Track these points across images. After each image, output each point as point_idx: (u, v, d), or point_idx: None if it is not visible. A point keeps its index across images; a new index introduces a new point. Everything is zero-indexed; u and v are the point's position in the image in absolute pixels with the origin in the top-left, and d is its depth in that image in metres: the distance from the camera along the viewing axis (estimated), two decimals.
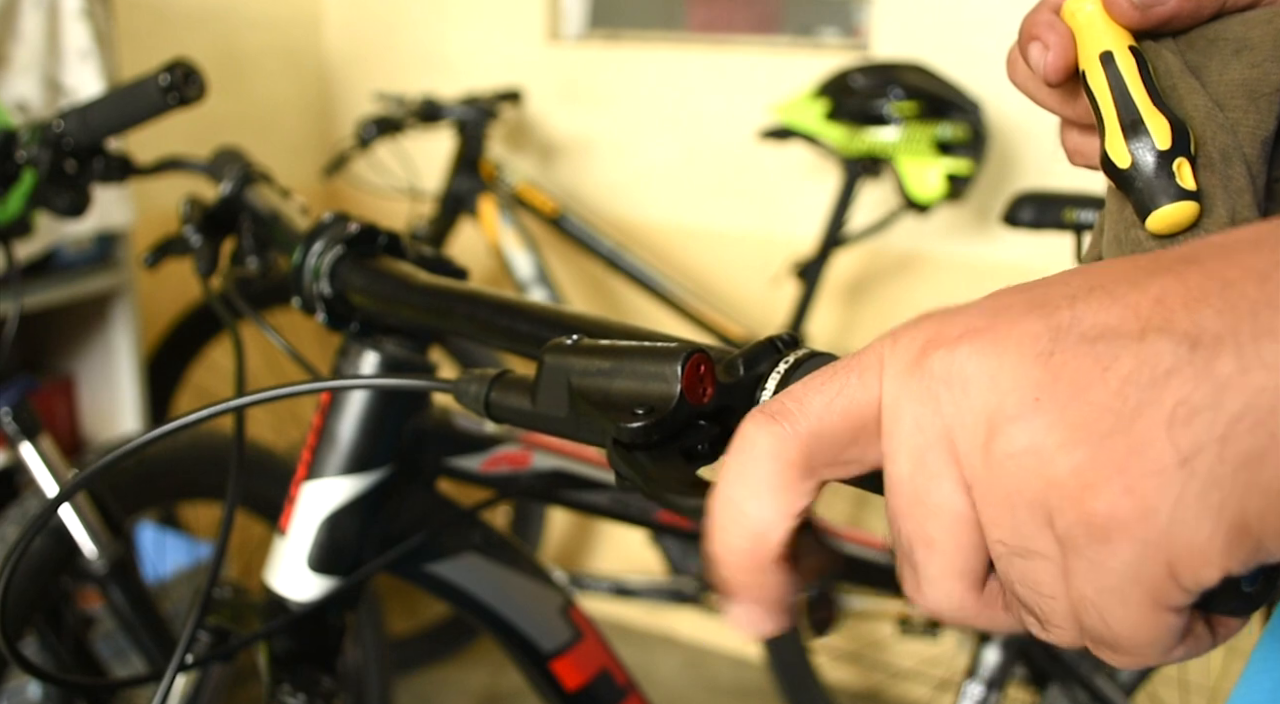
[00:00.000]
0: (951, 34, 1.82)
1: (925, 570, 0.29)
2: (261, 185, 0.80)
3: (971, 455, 0.26)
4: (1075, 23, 0.38)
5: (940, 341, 0.27)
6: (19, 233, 0.92)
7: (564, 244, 2.04)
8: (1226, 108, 0.36)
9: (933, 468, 0.27)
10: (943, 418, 0.27)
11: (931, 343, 0.27)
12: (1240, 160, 0.35)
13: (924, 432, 0.27)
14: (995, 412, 0.26)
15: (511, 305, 0.48)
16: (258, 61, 2.22)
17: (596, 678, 0.73)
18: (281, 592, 0.66)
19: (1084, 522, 0.25)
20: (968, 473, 0.27)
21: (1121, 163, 0.36)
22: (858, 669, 2.09)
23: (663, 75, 2.07)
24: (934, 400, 0.27)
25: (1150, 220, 0.35)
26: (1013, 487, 0.26)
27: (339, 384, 0.46)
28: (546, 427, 0.40)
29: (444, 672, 2.11)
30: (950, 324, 0.28)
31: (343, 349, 0.65)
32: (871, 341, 0.30)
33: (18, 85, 1.45)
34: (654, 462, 0.34)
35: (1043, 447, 0.25)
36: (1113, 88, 0.36)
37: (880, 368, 0.29)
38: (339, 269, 0.61)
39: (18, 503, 1.17)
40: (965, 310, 0.28)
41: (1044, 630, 0.28)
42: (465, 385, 0.42)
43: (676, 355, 0.36)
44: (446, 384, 0.43)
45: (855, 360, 0.30)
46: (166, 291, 1.93)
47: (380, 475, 0.65)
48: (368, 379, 0.58)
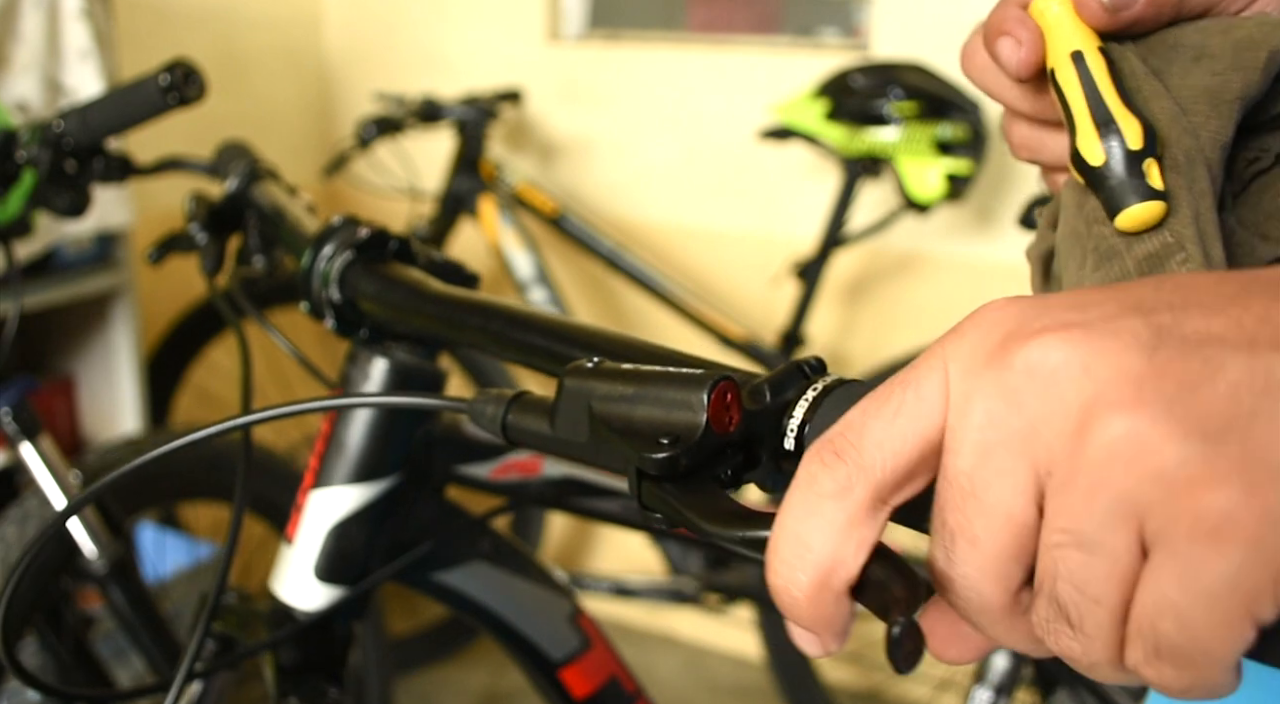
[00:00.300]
0: (951, 34, 1.82)
1: (961, 567, 0.28)
2: (268, 182, 0.79)
3: (1058, 441, 0.25)
4: (1044, 21, 0.39)
5: (1023, 335, 0.26)
6: (19, 233, 0.91)
7: (564, 244, 2.03)
8: (1189, 113, 0.36)
9: (999, 464, 0.26)
10: (1024, 413, 0.26)
11: (1013, 337, 0.26)
12: (1203, 163, 0.36)
13: (997, 427, 0.26)
14: (1092, 399, 0.25)
15: (527, 318, 0.48)
16: (258, 61, 2.22)
17: (605, 686, 0.72)
18: (288, 601, 0.66)
19: (1192, 517, 0.23)
20: (1048, 460, 0.26)
21: (1094, 161, 0.36)
22: (858, 669, 2.09)
23: (663, 75, 2.07)
24: (1014, 395, 0.26)
25: (1119, 218, 0.36)
26: (1103, 475, 0.25)
27: (350, 402, 0.46)
28: (565, 451, 0.39)
29: (444, 672, 2.10)
30: (1033, 318, 0.27)
31: (351, 355, 0.64)
32: (926, 349, 0.29)
33: (18, 85, 1.45)
34: (682, 492, 0.34)
35: (1148, 437, 0.24)
36: (1084, 87, 0.37)
37: (944, 371, 0.28)
38: (349, 275, 0.60)
39: (18, 503, 1.17)
40: (1047, 305, 0.27)
41: (1070, 639, 0.26)
42: (482, 406, 0.41)
43: (703, 383, 0.35)
44: (462, 404, 0.42)
45: (910, 374, 0.28)
46: (167, 291, 1.93)
47: (389, 484, 0.65)
48: (380, 397, 0.58)
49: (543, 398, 0.41)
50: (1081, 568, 0.25)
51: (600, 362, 0.38)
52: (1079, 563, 0.25)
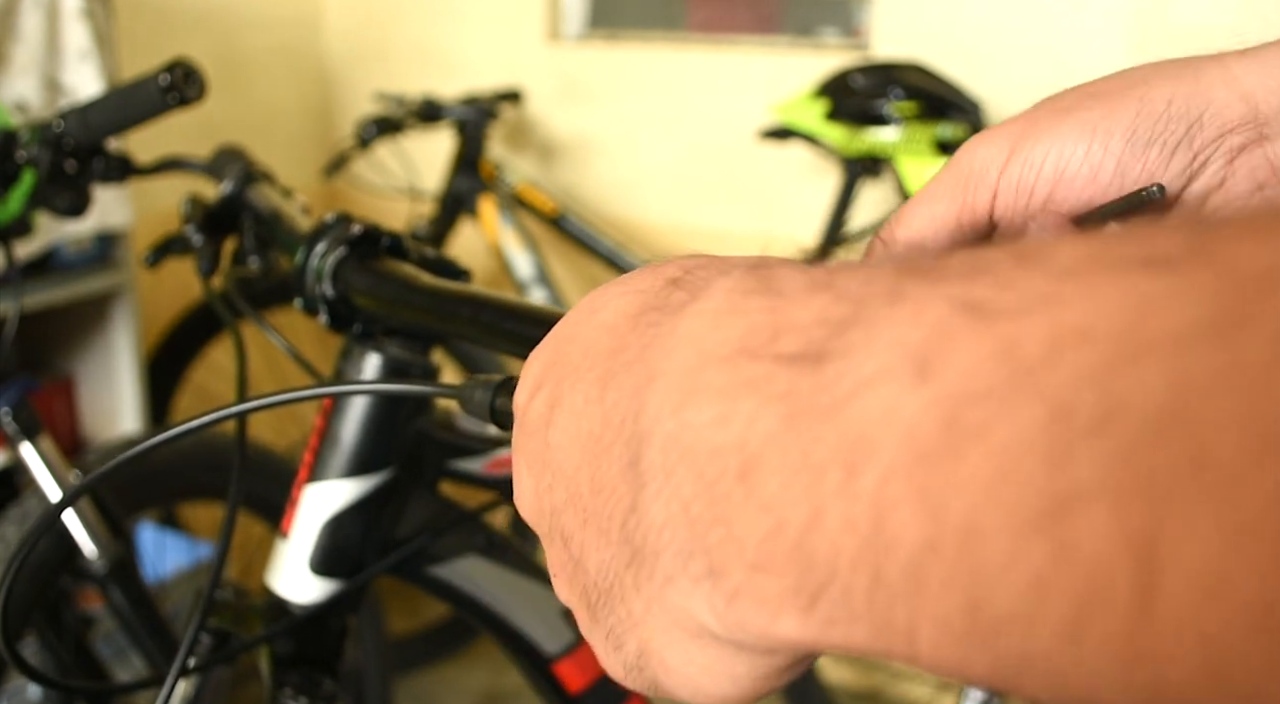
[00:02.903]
0: (951, 34, 1.82)
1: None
2: (263, 184, 0.80)
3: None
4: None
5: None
6: (19, 233, 0.92)
7: (564, 244, 2.03)
8: None
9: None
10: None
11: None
12: None
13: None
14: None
15: (516, 308, 0.48)
16: (258, 62, 2.22)
17: (600, 680, 0.73)
18: (283, 594, 0.66)
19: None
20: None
21: None
22: (858, 669, 2.09)
23: (663, 75, 2.07)
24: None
25: None
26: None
27: (344, 390, 0.46)
28: None
29: (444, 672, 2.10)
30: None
31: (345, 351, 0.65)
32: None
33: (18, 85, 1.45)
34: None
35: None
36: None
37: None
38: (342, 271, 0.60)
39: (18, 503, 1.17)
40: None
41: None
42: (470, 391, 0.41)
43: None
44: (452, 390, 0.42)
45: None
46: (166, 291, 1.93)
47: (382, 478, 0.65)
48: (372, 384, 0.58)
49: None
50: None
51: None
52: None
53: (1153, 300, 0.16)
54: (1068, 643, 0.15)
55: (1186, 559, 0.14)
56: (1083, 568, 0.15)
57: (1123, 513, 0.15)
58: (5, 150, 0.85)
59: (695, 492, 0.21)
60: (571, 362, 0.27)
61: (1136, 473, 0.15)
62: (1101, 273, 0.17)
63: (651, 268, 0.28)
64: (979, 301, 0.18)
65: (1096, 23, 1.72)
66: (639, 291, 0.27)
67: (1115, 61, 1.81)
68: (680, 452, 0.22)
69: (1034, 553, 0.16)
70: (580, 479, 0.26)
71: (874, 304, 0.20)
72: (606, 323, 0.27)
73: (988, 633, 0.16)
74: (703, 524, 0.21)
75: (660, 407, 0.23)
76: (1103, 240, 0.18)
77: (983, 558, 0.16)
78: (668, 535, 0.22)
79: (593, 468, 0.25)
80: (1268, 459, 0.14)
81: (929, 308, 0.19)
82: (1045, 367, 0.16)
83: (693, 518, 0.21)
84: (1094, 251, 0.17)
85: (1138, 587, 0.15)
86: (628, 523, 0.24)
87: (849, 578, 0.18)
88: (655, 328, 0.25)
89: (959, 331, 0.18)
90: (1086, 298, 0.17)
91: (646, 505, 0.23)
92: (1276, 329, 0.14)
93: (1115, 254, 0.17)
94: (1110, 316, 0.16)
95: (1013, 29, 1.78)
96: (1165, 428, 0.15)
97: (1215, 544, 0.14)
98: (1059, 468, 0.16)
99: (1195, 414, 0.14)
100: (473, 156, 1.96)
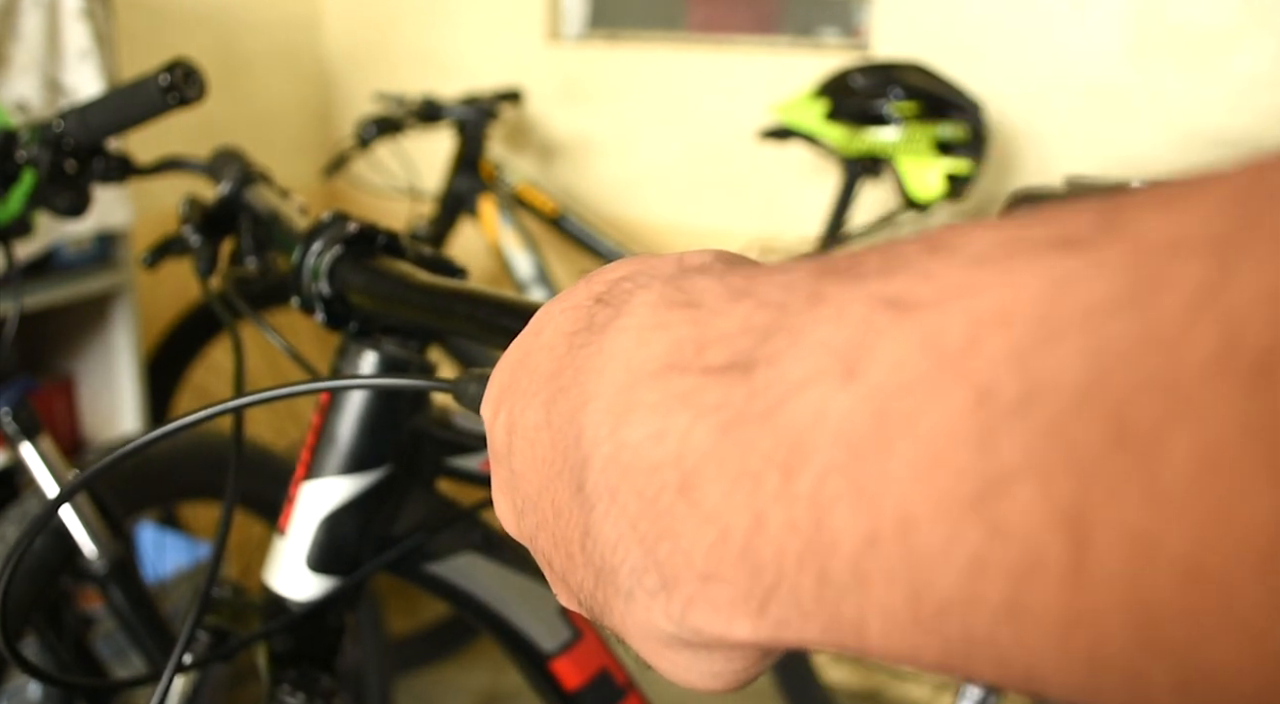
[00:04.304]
0: (951, 34, 1.82)
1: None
2: (260, 185, 0.80)
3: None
4: None
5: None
6: (19, 233, 0.92)
7: (564, 244, 2.04)
8: None
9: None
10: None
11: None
12: None
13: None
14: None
15: (511, 305, 0.48)
16: (257, 62, 2.22)
17: (596, 677, 0.73)
18: (281, 591, 0.66)
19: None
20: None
21: None
22: (858, 669, 2.09)
23: (663, 75, 2.07)
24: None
25: None
26: None
27: (338, 384, 0.46)
28: None
29: (444, 672, 2.11)
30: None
31: (341, 349, 0.65)
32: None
33: (18, 85, 1.45)
34: None
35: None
36: None
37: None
38: (338, 269, 0.61)
39: (18, 503, 1.17)
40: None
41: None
42: (465, 385, 0.42)
43: None
44: (446, 384, 0.43)
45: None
46: (166, 291, 1.93)
47: (379, 475, 0.65)
48: (367, 379, 0.58)
49: None
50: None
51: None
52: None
53: (1066, 279, 0.16)
54: (1008, 620, 0.16)
55: (1114, 527, 0.14)
56: (1016, 546, 0.15)
57: (1050, 488, 0.15)
58: (5, 150, 0.85)
59: (639, 509, 0.22)
60: (521, 385, 0.28)
61: (1060, 448, 0.15)
62: (1015, 257, 0.17)
63: (585, 281, 0.29)
64: (898, 296, 0.18)
65: (1096, 23, 1.72)
66: (573, 307, 0.27)
67: (1115, 62, 1.81)
68: (620, 471, 0.22)
69: (969, 536, 0.16)
70: (544, 504, 0.26)
71: (795, 308, 0.20)
72: (546, 343, 0.28)
73: (933, 619, 0.17)
74: (650, 540, 0.21)
75: (597, 429, 0.23)
76: (1014, 224, 0.18)
77: (921, 546, 0.17)
78: (620, 553, 0.23)
79: (551, 493, 0.26)
80: (1185, 422, 0.14)
81: (850, 307, 0.19)
82: (967, 353, 0.17)
83: (641, 535, 0.22)
84: (1006, 236, 0.18)
85: (1069, 559, 0.15)
86: (585, 545, 0.24)
87: (796, 578, 0.19)
88: (585, 348, 0.25)
89: (882, 328, 0.18)
90: (1002, 283, 0.17)
91: (598, 527, 0.23)
92: (1185, 296, 0.14)
93: (1027, 237, 0.17)
94: (1026, 299, 0.16)
95: (1013, 29, 1.78)
96: (1085, 402, 0.15)
97: (1141, 510, 0.14)
98: (986, 451, 0.16)
99: (1113, 386, 0.15)
100: (473, 156, 1.96)
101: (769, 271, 0.22)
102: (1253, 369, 0.13)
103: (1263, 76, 1.63)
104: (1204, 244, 0.15)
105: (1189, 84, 1.68)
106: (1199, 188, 0.16)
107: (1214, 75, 1.66)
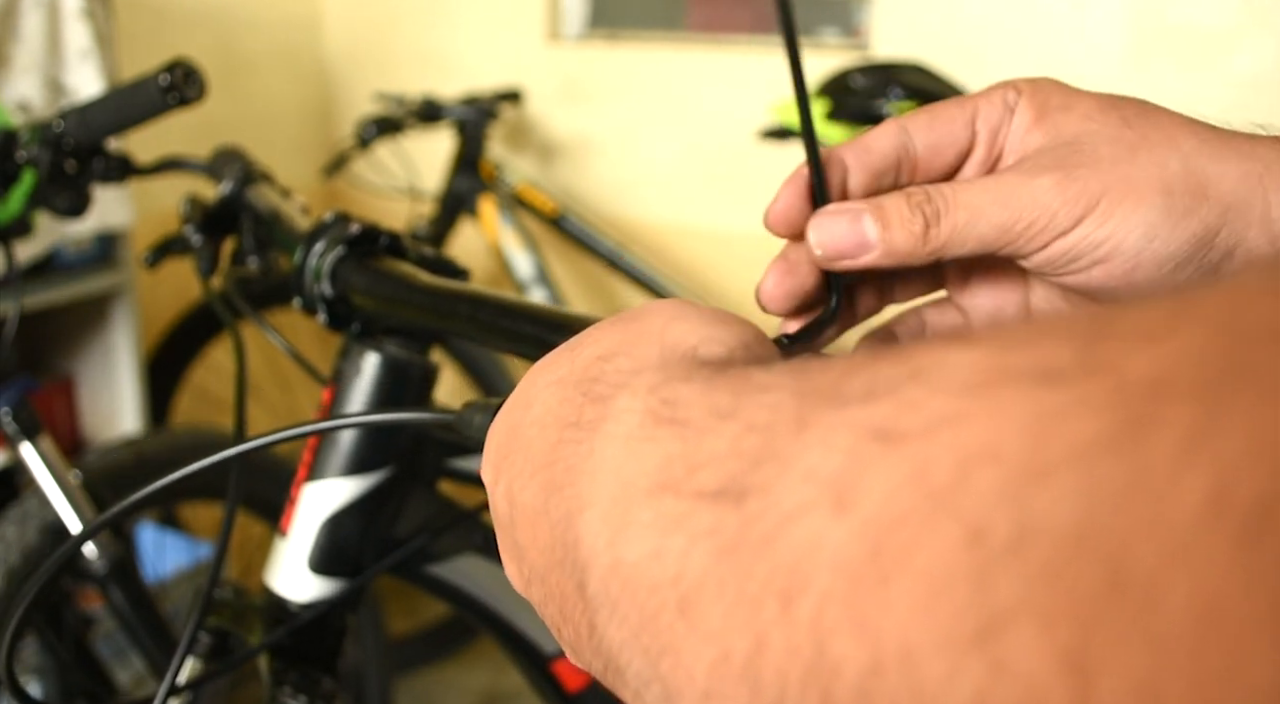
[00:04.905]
0: (951, 34, 1.82)
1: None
2: (262, 185, 0.80)
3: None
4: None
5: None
6: (19, 233, 0.92)
7: (564, 244, 2.03)
8: None
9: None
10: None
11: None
12: None
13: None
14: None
15: (514, 307, 0.48)
16: (257, 62, 2.22)
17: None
18: (282, 593, 0.66)
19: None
20: None
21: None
22: None
23: (663, 75, 2.07)
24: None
25: None
26: None
27: (339, 424, 0.46)
28: None
29: (444, 672, 2.10)
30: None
31: (344, 350, 0.65)
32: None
33: (19, 85, 1.45)
34: None
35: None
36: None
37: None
38: (340, 270, 0.60)
39: (18, 503, 1.17)
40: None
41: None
42: (469, 416, 0.41)
43: None
44: (450, 416, 0.42)
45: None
46: (166, 291, 1.93)
47: (381, 477, 0.65)
48: (368, 416, 0.58)
49: None
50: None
51: None
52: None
53: (1052, 415, 0.16)
54: None
55: (1116, 674, 0.14)
56: (1020, 685, 0.15)
57: (1050, 631, 0.15)
58: (5, 150, 0.85)
59: (641, 622, 0.22)
60: (517, 460, 0.28)
61: (1058, 592, 0.15)
62: (999, 388, 0.17)
63: (568, 350, 0.29)
64: (884, 426, 0.18)
65: (1096, 23, 1.72)
66: (558, 383, 0.28)
67: (1115, 62, 1.81)
68: (620, 584, 0.22)
69: (972, 671, 0.16)
70: (550, 583, 0.26)
71: (782, 433, 0.20)
72: (538, 420, 0.28)
73: None
74: (653, 653, 0.22)
75: (595, 539, 0.23)
76: (994, 351, 0.18)
77: (924, 678, 0.16)
78: (626, 657, 0.23)
79: (556, 577, 0.26)
80: (1182, 572, 0.14)
81: (836, 435, 0.19)
82: (956, 489, 0.16)
83: (644, 646, 0.22)
84: (988, 365, 0.18)
85: (1073, 701, 0.15)
86: (593, 638, 0.24)
87: (799, 698, 0.19)
88: (576, 445, 0.26)
89: (870, 459, 0.18)
90: (988, 416, 0.17)
91: (603, 628, 0.23)
92: (1173, 441, 0.14)
93: (1010, 367, 0.17)
94: (1013, 435, 0.16)
95: (1013, 29, 1.78)
96: (1080, 546, 0.15)
97: (1143, 657, 0.14)
98: (983, 589, 0.16)
99: (1107, 530, 0.14)
100: (473, 156, 1.96)
101: (753, 386, 0.23)
102: (1247, 521, 0.13)
103: (1263, 76, 1.63)
104: (1190, 387, 0.15)
105: (1189, 84, 1.68)
106: (1180, 318, 0.16)
107: (1214, 75, 1.66)
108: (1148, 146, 0.36)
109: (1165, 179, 0.35)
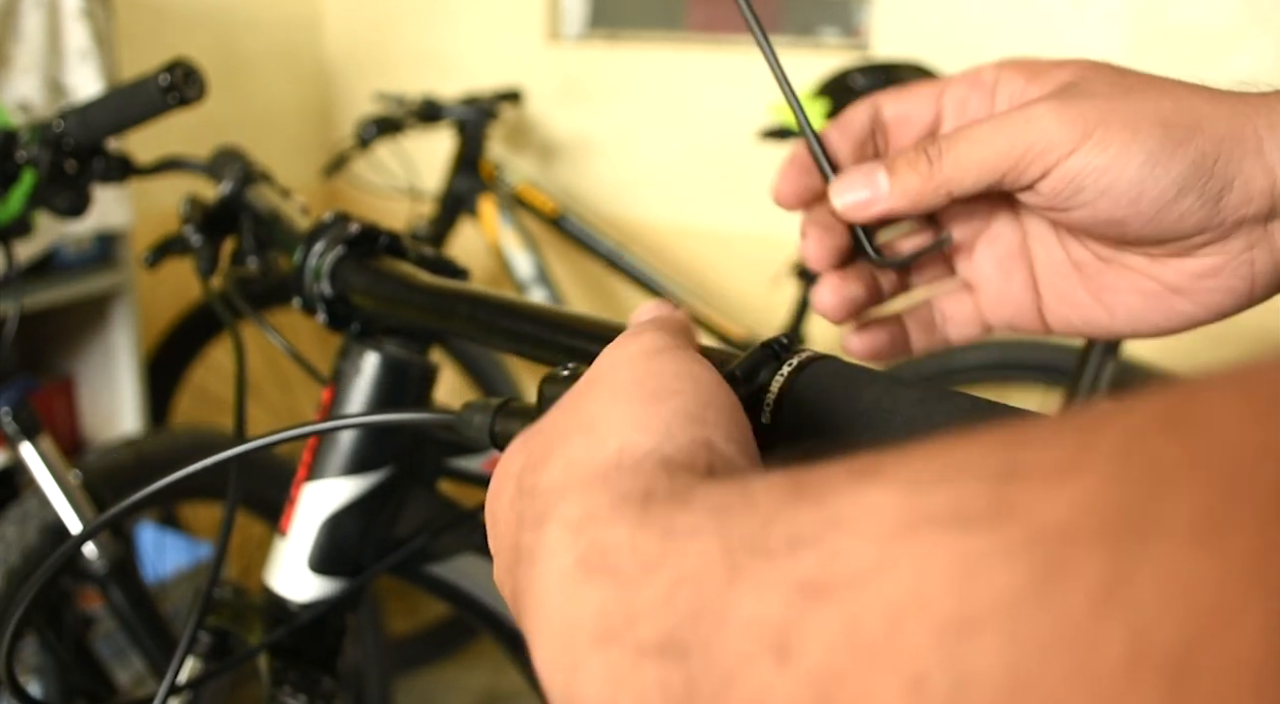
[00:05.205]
0: (951, 34, 1.82)
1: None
2: (261, 185, 0.80)
3: None
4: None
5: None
6: (19, 233, 0.92)
7: (564, 244, 2.04)
8: None
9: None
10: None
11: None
12: None
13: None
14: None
15: (514, 307, 0.48)
16: (257, 62, 2.22)
17: None
18: (282, 593, 0.66)
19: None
20: None
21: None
22: None
23: (663, 75, 2.07)
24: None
25: None
26: None
27: (339, 425, 0.46)
28: None
29: (444, 672, 2.11)
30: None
31: (343, 350, 0.65)
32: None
33: (19, 86, 1.45)
34: None
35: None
36: None
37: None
38: (340, 270, 0.61)
39: (18, 503, 1.17)
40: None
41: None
42: (469, 417, 0.41)
43: None
44: (450, 417, 0.42)
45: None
46: (166, 291, 1.93)
47: (381, 476, 0.65)
48: (368, 416, 0.58)
49: (527, 405, 0.41)
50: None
51: (576, 367, 0.38)
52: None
53: (974, 564, 0.16)
54: None
55: None
56: None
57: None
58: (5, 150, 0.85)
59: None
60: (495, 533, 0.29)
61: None
62: (919, 536, 0.17)
63: (520, 446, 0.30)
64: (811, 580, 0.18)
65: (1096, 23, 1.72)
66: (513, 477, 0.29)
67: (1115, 61, 1.80)
68: None
69: None
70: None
71: (713, 587, 0.20)
72: (498, 514, 0.29)
73: None
74: None
75: (551, 674, 0.24)
76: (910, 494, 0.18)
77: None
78: None
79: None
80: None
81: (767, 589, 0.19)
82: (891, 640, 0.17)
83: None
84: (906, 510, 0.18)
85: None
86: None
87: None
88: (521, 568, 0.26)
89: (803, 612, 0.18)
90: (911, 566, 0.17)
91: None
92: (1086, 591, 0.14)
93: (927, 511, 0.17)
94: (938, 585, 0.16)
95: (1013, 29, 1.78)
96: (1015, 694, 0.15)
97: None
98: None
99: (1038, 680, 0.15)
100: (473, 156, 1.96)
101: (678, 531, 0.22)
102: (1170, 676, 0.13)
103: (1263, 76, 1.63)
104: (1096, 534, 0.15)
105: None
106: (1084, 453, 0.16)
107: (1214, 75, 1.66)
108: (1141, 88, 0.39)
109: (1161, 113, 0.38)
